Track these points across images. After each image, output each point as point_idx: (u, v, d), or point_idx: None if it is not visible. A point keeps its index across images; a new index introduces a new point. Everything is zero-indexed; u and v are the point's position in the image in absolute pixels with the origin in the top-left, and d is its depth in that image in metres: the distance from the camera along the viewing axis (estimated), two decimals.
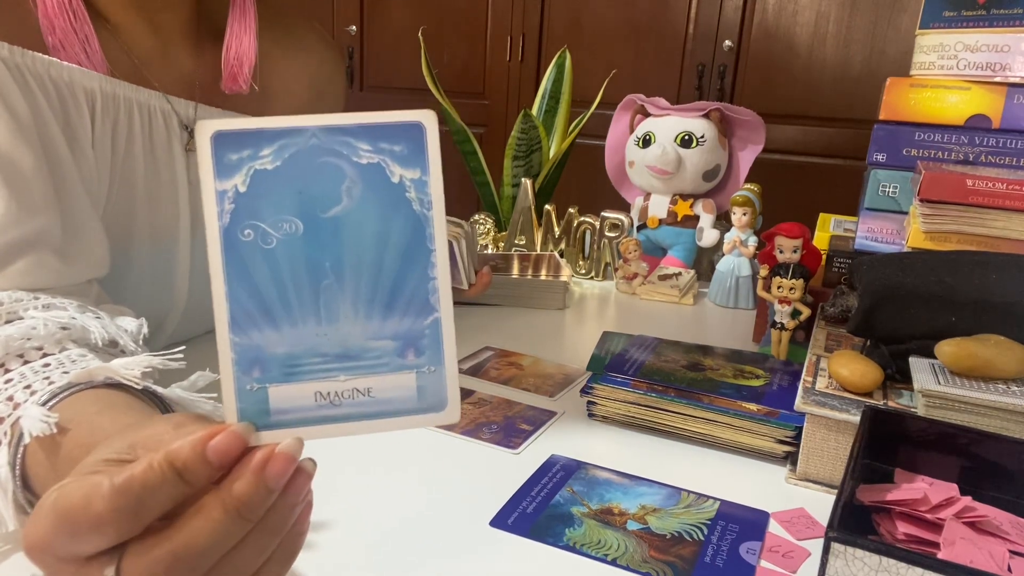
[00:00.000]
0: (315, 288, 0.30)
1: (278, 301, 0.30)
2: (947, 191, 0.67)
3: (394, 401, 0.32)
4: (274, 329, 0.31)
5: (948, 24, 0.76)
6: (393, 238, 0.31)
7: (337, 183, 0.30)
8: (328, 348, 0.31)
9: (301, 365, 0.31)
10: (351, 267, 0.31)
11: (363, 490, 0.51)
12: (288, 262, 0.30)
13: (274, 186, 0.30)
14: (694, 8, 2.14)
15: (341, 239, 0.30)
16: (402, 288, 0.31)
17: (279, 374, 0.31)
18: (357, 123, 0.30)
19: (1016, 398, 0.50)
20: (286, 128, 0.30)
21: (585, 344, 0.80)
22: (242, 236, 0.30)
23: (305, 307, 0.30)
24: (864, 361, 0.57)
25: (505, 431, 0.60)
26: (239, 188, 0.30)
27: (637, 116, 1.13)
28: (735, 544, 0.47)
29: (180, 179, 0.68)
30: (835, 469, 0.54)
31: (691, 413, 0.59)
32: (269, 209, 0.30)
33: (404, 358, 0.31)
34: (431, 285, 0.31)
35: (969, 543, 0.42)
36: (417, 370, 0.31)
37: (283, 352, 0.31)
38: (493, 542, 0.46)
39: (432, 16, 2.40)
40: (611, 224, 1.05)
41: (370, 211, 0.31)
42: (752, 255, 0.97)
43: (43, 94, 0.56)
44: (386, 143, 0.31)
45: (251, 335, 0.30)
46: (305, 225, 0.30)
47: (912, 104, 0.78)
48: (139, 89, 0.64)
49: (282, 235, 0.30)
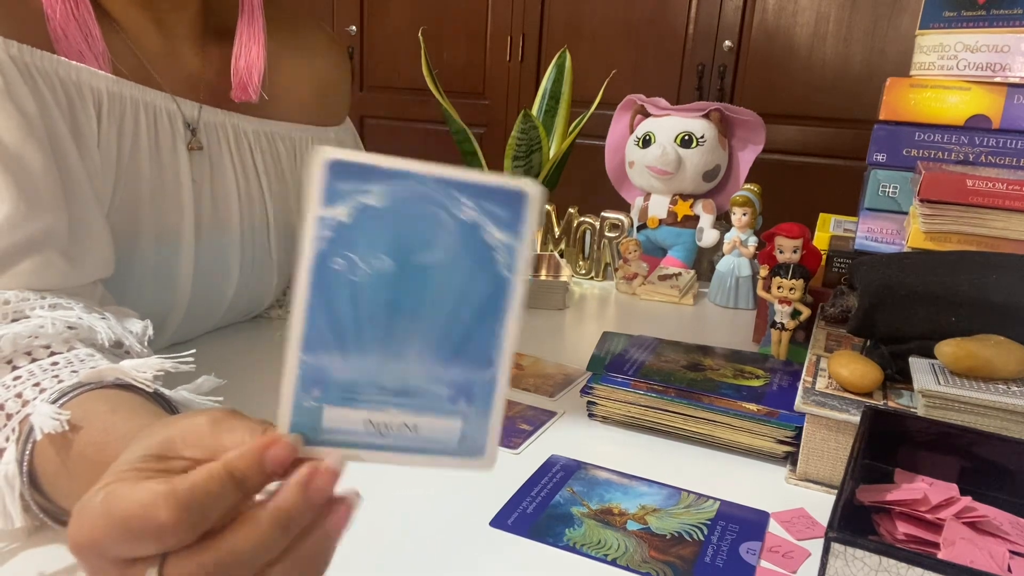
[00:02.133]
0: (390, 325, 0.31)
1: (352, 330, 0.31)
2: (947, 191, 0.67)
3: (436, 441, 0.33)
4: (342, 355, 0.31)
5: (948, 24, 0.76)
6: (474, 294, 0.32)
7: (435, 232, 0.31)
8: (388, 382, 0.32)
9: (359, 393, 0.32)
10: (428, 312, 0.32)
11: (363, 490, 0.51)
12: (371, 296, 0.31)
13: (376, 223, 0.31)
14: (694, 8, 2.14)
15: (426, 285, 0.31)
16: (471, 341, 0.32)
17: (337, 397, 0.32)
18: (467, 180, 0.31)
19: (1016, 398, 0.50)
20: (399, 170, 0.31)
21: (585, 344, 0.80)
22: (333, 264, 0.31)
23: (376, 341, 0.32)
24: (864, 361, 0.57)
25: (505, 431, 0.60)
26: (342, 218, 0.30)
27: (637, 116, 1.13)
28: (735, 544, 0.47)
29: (184, 178, 0.68)
30: (835, 469, 0.54)
31: (691, 413, 0.59)
32: (365, 243, 0.31)
33: (455, 404, 0.33)
34: (498, 343, 0.32)
35: (969, 543, 0.42)
36: (464, 418, 0.33)
37: (345, 378, 0.32)
38: (493, 542, 0.46)
39: (432, 16, 2.40)
40: (611, 224, 1.05)
41: (460, 265, 0.31)
42: (752, 255, 0.97)
43: (51, 93, 0.56)
44: (490, 204, 0.31)
45: (319, 356, 0.31)
46: (396, 265, 0.31)
47: (912, 104, 0.78)
48: (145, 89, 0.64)
49: (371, 270, 0.31)
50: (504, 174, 0.31)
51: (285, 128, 0.78)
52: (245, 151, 0.74)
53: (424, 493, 0.51)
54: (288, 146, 0.79)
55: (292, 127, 0.79)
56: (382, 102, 2.56)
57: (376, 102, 2.56)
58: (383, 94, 2.56)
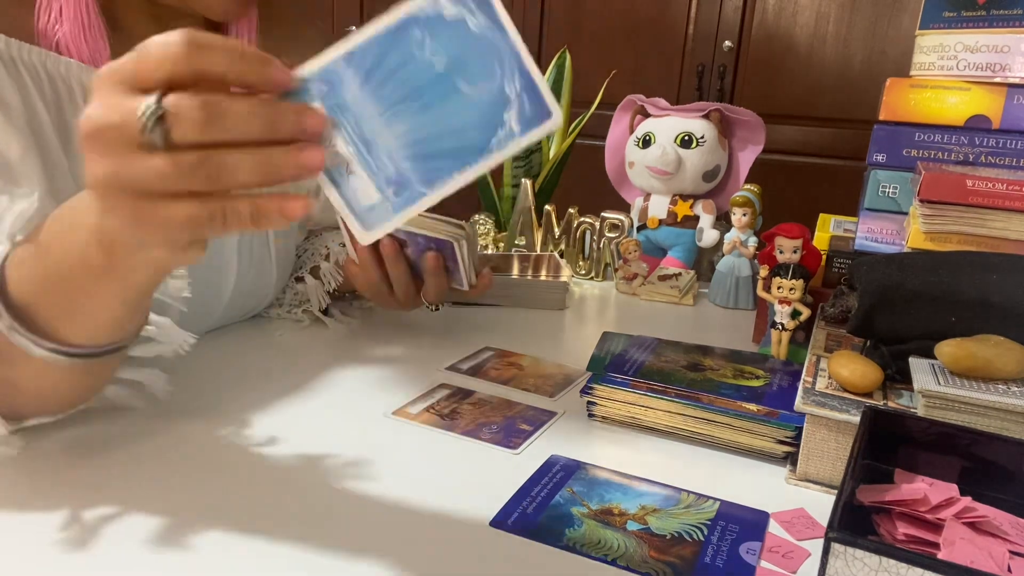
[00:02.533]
0: (403, 101, 0.38)
1: (380, 78, 0.37)
2: (947, 191, 0.67)
3: (355, 194, 0.39)
4: (360, 85, 0.37)
5: (948, 25, 0.76)
6: (465, 138, 0.38)
7: (483, 78, 0.38)
8: (366, 131, 0.38)
9: (344, 116, 0.38)
10: (431, 118, 0.38)
11: (363, 489, 0.51)
12: (412, 72, 0.37)
13: (457, 36, 0.37)
14: (694, 8, 2.14)
15: (446, 102, 0.38)
16: (433, 161, 0.38)
17: (332, 105, 0.38)
18: (532, 75, 0.37)
19: (1016, 398, 0.50)
20: (500, 23, 0.37)
21: (585, 344, 0.80)
22: (414, 31, 0.37)
23: (386, 99, 0.38)
24: (864, 361, 0.57)
25: (505, 431, 0.60)
26: (444, 12, 0.37)
27: (637, 116, 1.13)
28: (735, 544, 0.47)
29: None
30: (835, 469, 0.54)
31: (691, 413, 0.59)
32: (442, 40, 0.37)
33: (387, 187, 0.39)
34: (446, 180, 0.39)
35: (969, 543, 0.42)
36: (382, 200, 0.39)
37: (346, 98, 0.38)
38: (493, 542, 0.46)
39: None
40: (611, 224, 1.05)
41: (475, 111, 0.38)
42: (752, 256, 0.97)
43: (36, 86, 0.57)
44: (528, 98, 0.38)
45: (349, 70, 0.37)
46: (444, 71, 0.38)
47: (912, 105, 0.78)
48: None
49: (429, 57, 0.37)
50: (548, 96, 0.38)
51: None
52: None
53: (424, 493, 0.51)
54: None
55: None
56: None
57: None
58: None
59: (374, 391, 0.66)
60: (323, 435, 0.58)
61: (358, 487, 0.51)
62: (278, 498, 0.50)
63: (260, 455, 0.55)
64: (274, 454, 0.55)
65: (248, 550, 0.44)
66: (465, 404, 0.65)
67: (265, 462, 0.54)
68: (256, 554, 0.44)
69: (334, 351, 0.75)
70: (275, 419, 0.60)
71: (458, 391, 0.67)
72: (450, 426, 0.60)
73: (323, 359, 0.73)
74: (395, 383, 0.68)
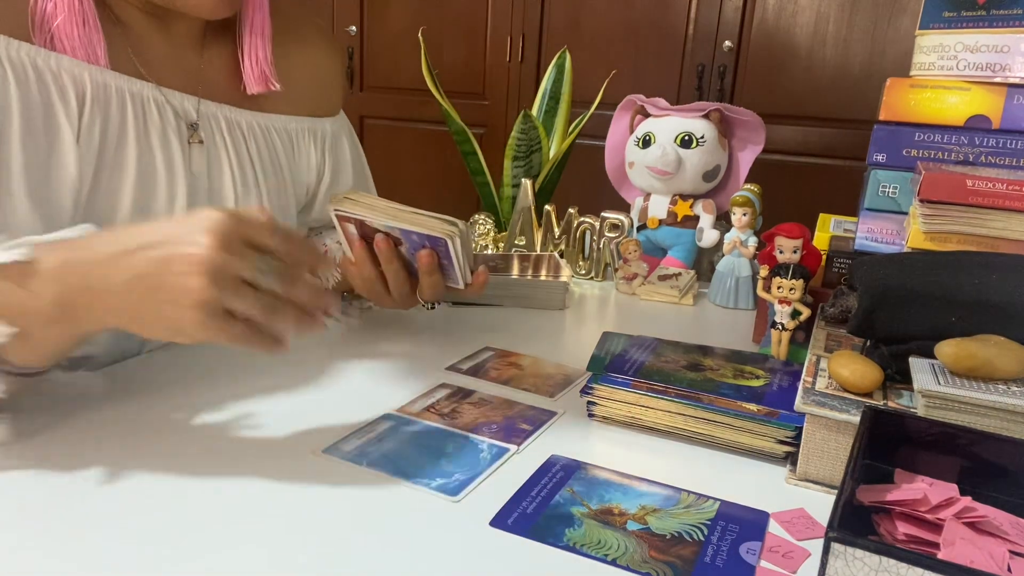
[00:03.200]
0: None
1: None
2: (947, 191, 0.67)
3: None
4: None
5: (948, 25, 0.76)
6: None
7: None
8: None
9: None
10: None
11: (362, 488, 0.51)
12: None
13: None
14: (694, 8, 2.14)
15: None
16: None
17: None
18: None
19: (1016, 398, 0.50)
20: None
21: (585, 344, 0.80)
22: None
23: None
24: (864, 361, 0.57)
25: (505, 431, 0.60)
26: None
27: (637, 116, 1.13)
28: (735, 544, 0.47)
29: (178, 169, 0.70)
30: (835, 469, 0.54)
31: (691, 413, 0.59)
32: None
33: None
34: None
35: (969, 543, 0.42)
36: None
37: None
38: (493, 542, 0.46)
39: (432, 16, 2.40)
40: (611, 224, 1.05)
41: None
42: (752, 255, 0.97)
43: (18, 85, 0.59)
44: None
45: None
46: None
47: (912, 105, 0.78)
48: (134, 80, 0.67)
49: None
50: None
51: (281, 121, 0.80)
52: (240, 143, 0.76)
53: (423, 493, 0.51)
54: (284, 138, 0.81)
55: (287, 119, 0.81)
56: (382, 102, 2.56)
57: (376, 102, 2.56)
58: (383, 94, 2.56)
59: (374, 391, 0.66)
60: (323, 434, 0.58)
61: (358, 486, 0.51)
62: (277, 497, 0.50)
63: (259, 455, 0.55)
64: (273, 453, 0.55)
65: (248, 548, 0.44)
66: (465, 404, 0.65)
67: (264, 461, 0.54)
68: (256, 553, 0.44)
69: (334, 350, 0.75)
70: (274, 418, 0.60)
71: (458, 391, 0.67)
72: (450, 425, 0.60)
73: (323, 358, 0.73)
74: (395, 382, 0.68)
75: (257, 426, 0.59)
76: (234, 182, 0.74)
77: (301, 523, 0.47)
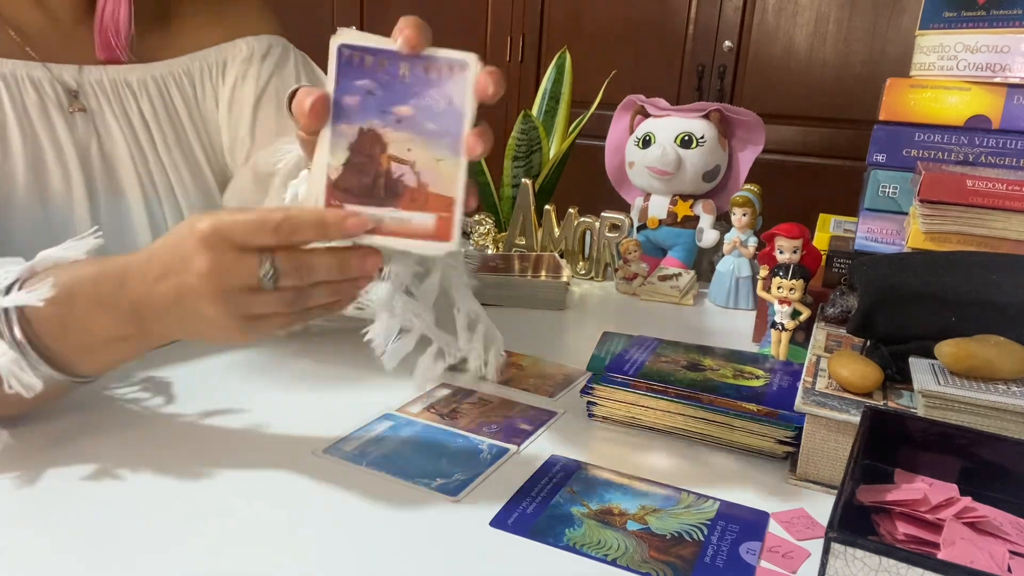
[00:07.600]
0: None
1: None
2: (947, 192, 0.67)
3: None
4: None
5: (948, 25, 0.76)
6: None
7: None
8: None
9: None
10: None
11: (362, 487, 0.51)
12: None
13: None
14: (694, 8, 2.14)
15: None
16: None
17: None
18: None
19: (1016, 398, 0.50)
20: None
21: (585, 344, 0.80)
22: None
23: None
24: (864, 361, 0.57)
25: (505, 431, 0.60)
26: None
27: (637, 116, 1.13)
28: (735, 544, 0.47)
29: (64, 142, 0.69)
30: (835, 469, 0.54)
31: (691, 413, 0.59)
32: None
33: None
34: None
35: (969, 543, 0.42)
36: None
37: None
38: (493, 542, 0.46)
39: (432, 16, 2.38)
40: (611, 225, 1.05)
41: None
42: (752, 256, 0.97)
43: None
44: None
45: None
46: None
47: (912, 105, 0.78)
48: (3, 61, 0.66)
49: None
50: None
51: (180, 64, 0.76)
52: (130, 102, 0.73)
53: (423, 493, 0.51)
54: (183, 87, 0.76)
55: (188, 60, 0.76)
56: None
57: None
58: None
59: (374, 391, 0.66)
60: (323, 434, 0.58)
61: (358, 486, 0.51)
62: (277, 497, 0.50)
63: (259, 455, 0.55)
64: (273, 453, 0.55)
65: (248, 546, 0.44)
66: (465, 404, 0.65)
67: (264, 461, 0.54)
68: (255, 552, 0.44)
69: (333, 350, 0.75)
70: (274, 418, 0.60)
71: (458, 391, 0.67)
72: (450, 425, 0.60)
73: (322, 358, 0.73)
74: (395, 382, 0.68)
75: (257, 426, 0.59)
76: (128, 145, 0.71)
77: (301, 523, 0.47)
